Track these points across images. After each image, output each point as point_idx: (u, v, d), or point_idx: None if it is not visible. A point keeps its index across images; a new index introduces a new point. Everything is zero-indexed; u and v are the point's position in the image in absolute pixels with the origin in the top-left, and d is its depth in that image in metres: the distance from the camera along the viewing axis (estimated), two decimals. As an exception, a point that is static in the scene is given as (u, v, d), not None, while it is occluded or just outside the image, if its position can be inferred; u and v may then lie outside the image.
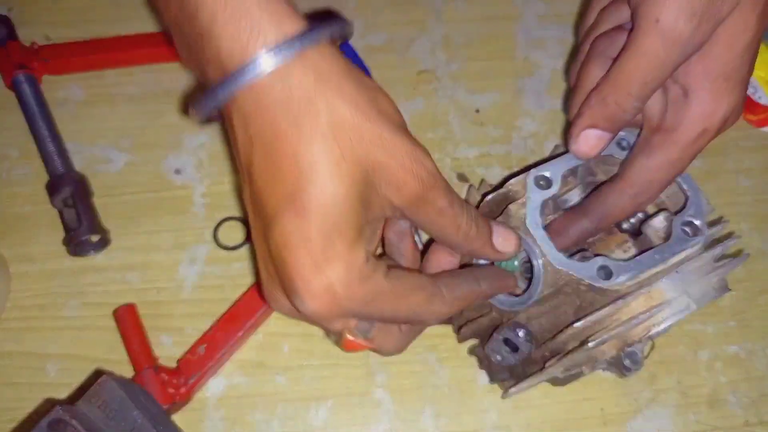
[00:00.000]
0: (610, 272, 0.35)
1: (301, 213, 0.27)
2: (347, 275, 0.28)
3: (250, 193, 0.29)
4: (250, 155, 0.28)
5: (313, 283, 0.27)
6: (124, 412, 0.32)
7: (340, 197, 0.27)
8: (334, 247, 0.27)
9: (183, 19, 0.28)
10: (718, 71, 0.34)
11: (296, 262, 0.27)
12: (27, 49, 0.50)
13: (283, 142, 0.27)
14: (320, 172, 0.27)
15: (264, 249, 0.29)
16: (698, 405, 0.43)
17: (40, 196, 0.46)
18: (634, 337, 0.37)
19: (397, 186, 0.29)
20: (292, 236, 0.27)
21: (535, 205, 0.37)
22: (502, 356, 0.37)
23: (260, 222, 0.29)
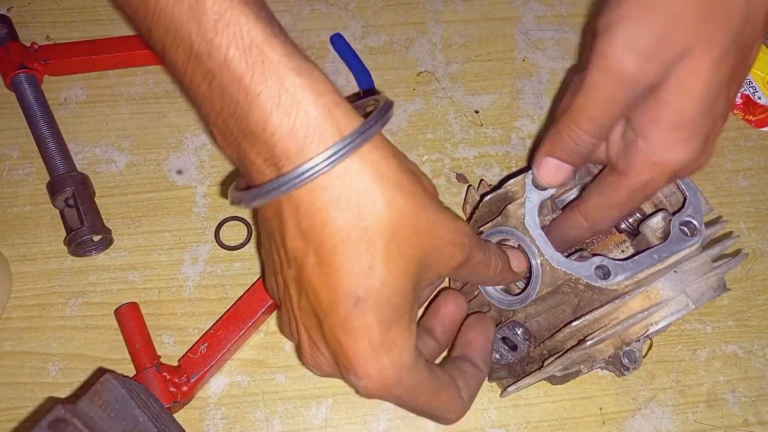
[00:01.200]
0: (607, 271, 0.35)
1: (361, 306, 0.28)
2: (399, 361, 0.29)
3: (295, 277, 0.29)
4: (303, 249, 0.28)
5: (369, 366, 0.29)
6: (126, 411, 0.32)
7: (398, 289, 0.28)
8: (391, 334, 0.29)
9: (226, 113, 0.27)
10: (668, 120, 0.32)
11: (356, 347, 0.29)
12: (28, 49, 0.50)
13: (343, 240, 0.27)
14: (380, 268, 0.28)
15: (313, 324, 0.30)
16: (696, 404, 0.43)
17: (42, 196, 0.46)
18: (632, 335, 0.37)
19: (445, 260, 0.30)
20: (352, 325, 0.28)
21: (534, 206, 0.37)
22: (501, 355, 0.38)
23: (310, 302, 0.29)
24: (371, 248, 0.27)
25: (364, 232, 0.27)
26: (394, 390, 0.30)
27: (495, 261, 0.34)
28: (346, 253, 0.27)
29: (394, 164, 0.28)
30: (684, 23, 0.31)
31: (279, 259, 0.30)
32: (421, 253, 0.29)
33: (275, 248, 0.30)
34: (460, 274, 0.33)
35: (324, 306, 0.29)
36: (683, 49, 0.31)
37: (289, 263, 0.29)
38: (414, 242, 0.28)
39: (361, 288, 0.28)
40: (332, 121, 0.26)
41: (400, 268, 0.28)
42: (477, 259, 0.32)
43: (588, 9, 0.57)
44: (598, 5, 0.57)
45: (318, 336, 0.30)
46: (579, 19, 0.56)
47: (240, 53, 0.26)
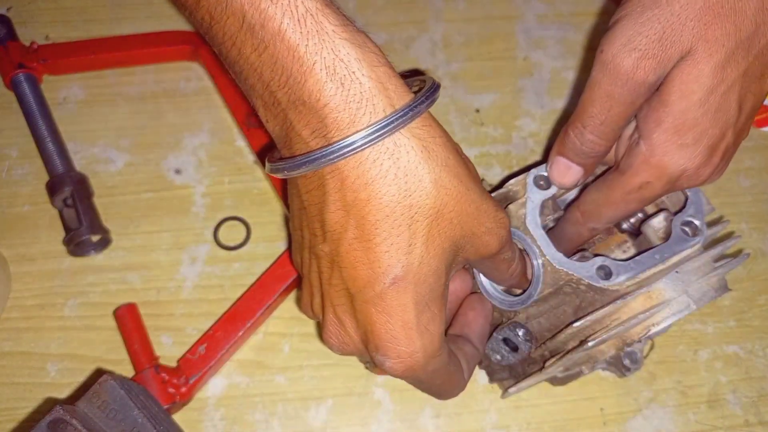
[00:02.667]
0: (609, 272, 0.35)
1: (399, 284, 0.28)
2: (430, 346, 0.29)
3: (330, 251, 0.29)
4: (342, 223, 0.28)
5: (401, 348, 0.29)
6: (125, 412, 0.32)
7: (434, 269, 0.28)
8: (425, 318, 0.29)
9: (276, 84, 0.27)
10: (669, 122, 0.32)
11: (390, 326, 0.29)
12: (27, 48, 0.50)
13: (387, 216, 0.27)
14: (420, 247, 0.28)
15: (342, 301, 0.30)
16: (698, 405, 0.43)
17: (41, 195, 0.46)
18: (633, 336, 0.37)
19: (478, 248, 0.30)
20: (388, 303, 0.28)
21: (535, 205, 0.37)
22: (502, 356, 0.38)
23: (345, 278, 0.29)
24: (414, 226, 0.27)
25: (409, 209, 0.27)
26: (419, 373, 0.30)
27: (516, 263, 0.34)
28: (389, 229, 0.27)
29: (441, 143, 0.28)
30: (686, 23, 0.30)
31: (311, 233, 0.30)
32: (459, 236, 0.29)
33: (308, 222, 0.30)
34: (483, 265, 0.33)
35: (359, 283, 0.28)
36: (684, 50, 0.31)
37: (325, 237, 0.29)
38: (455, 224, 0.28)
39: (400, 265, 0.27)
40: (385, 93, 0.26)
41: (438, 248, 0.28)
42: (504, 255, 0.32)
43: (588, 8, 0.57)
44: (603, 5, 0.57)
45: (346, 314, 0.30)
46: (580, 18, 0.56)
47: (294, 23, 0.25)
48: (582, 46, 0.55)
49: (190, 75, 0.52)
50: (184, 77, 0.52)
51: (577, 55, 0.54)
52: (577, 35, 0.55)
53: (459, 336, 0.35)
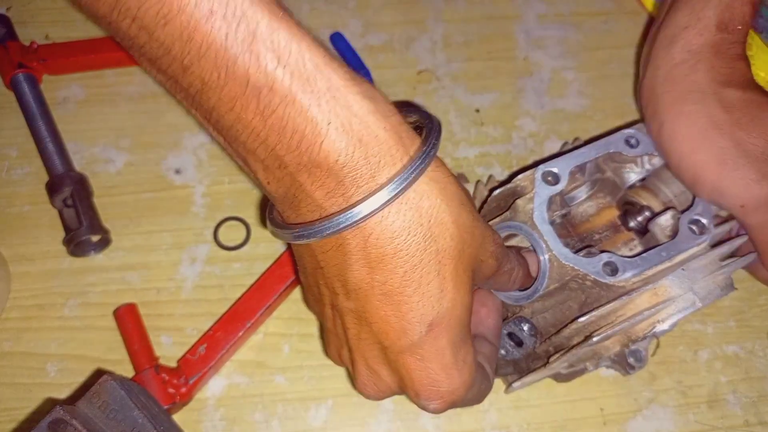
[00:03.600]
0: (615, 268, 0.35)
1: (434, 330, 0.28)
2: (469, 379, 0.30)
3: (355, 309, 0.28)
4: (368, 281, 0.27)
5: (443, 389, 0.29)
6: (125, 412, 0.32)
7: (465, 306, 0.29)
8: (462, 354, 0.29)
9: (284, 147, 0.25)
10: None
11: (429, 372, 0.29)
12: (26, 48, 0.50)
13: (415, 266, 0.26)
14: (451, 291, 0.27)
15: (374, 354, 0.30)
16: (698, 405, 0.43)
17: (40, 195, 0.46)
18: (638, 333, 0.37)
19: (485, 271, 0.31)
20: (426, 350, 0.28)
21: (543, 201, 0.37)
22: (506, 350, 0.38)
23: (374, 334, 0.29)
24: (442, 270, 0.27)
25: (436, 254, 0.27)
26: (459, 403, 0.30)
27: (516, 270, 0.35)
28: (418, 279, 0.27)
29: (452, 181, 0.28)
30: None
31: (331, 291, 0.29)
32: (475, 267, 0.29)
33: (326, 281, 0.29)
34: (487, 284, 0.33)
35: (392, 336, 0.28)
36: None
37: (348, 295, 0.28)
38: (473, 257, 0.28)
39: (435, 312, 0.27)
40: (401, 143, 0.26)
41: (465, 285, 0.28)
42: (504, 269, 0.33)
43: (588, 8, 0.57)
44: (603, 5, 0.57)
45: (380, 364, 0.30)
46: (580, 18, 0.56)
47: (304, 83, 0.24)
48: (582, 46, 0.55)
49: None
50: (184, 77, 0.52)
51: (577, 55, 0.54)
52: (577, 35, 0.55)
53: (476, 336, 0.35)
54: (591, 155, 0.39)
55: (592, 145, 0.39)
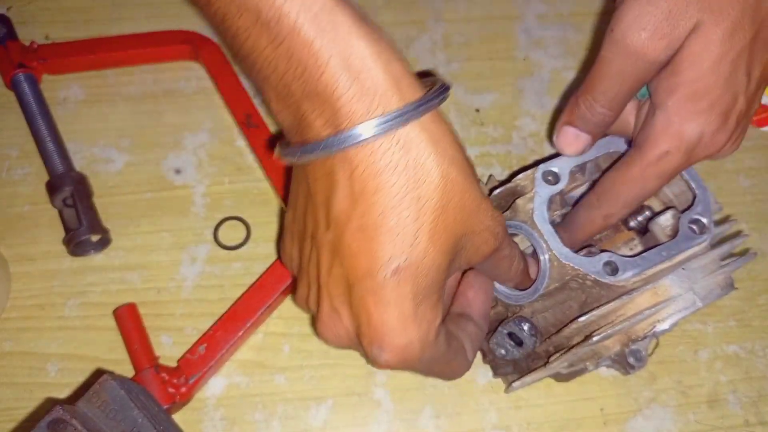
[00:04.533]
0: (616, 268, 0.35)
1: (400, 275, 0.28)
2: (426, 337, 0.29)
3: (332, 240, 0.29)
4: (348, 212, 0.28)
5: (396, 339, 0.29)
6: (125, 412, 0.32)
7: (436, 264, 0.28)
8: (422, 309, 0.29)
9: (291, 76, 0.27)
10: (682, 91, 0.33)
11: (386, 318, 0.29)
12: (26, 48, 0.50)
13: (393, 207, 0.27)
14: (425, 240, 0.28)
15: (339, 291, 0.30)
16: (698, 405, 0.43)
17: (40, 195, 0.46)
18: (638, 332, 0.37)
19: (479, 246, 0.30)
20: (386, 294, 0.28)
21: (543, 200, 0.37)
22: (507, 350, 0.38)
23: (344, 268, 0.29)
24: (420, 218, 0.27)
25: (416, 201, 0.27)
26: (414, 364, 0.30)
27: (518, 260, 0.35)
28: (395, 221, 0.27)
29: (450, 139, 0.28)
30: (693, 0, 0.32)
31: (315, 221, 0.30)
32: (461, 233, 0.29)
33: (313, 209, 0.30)
34: (485, 266, 0.33)
35: (359, 272, 0.28)
36: (692, 24, 0.32)
37: (329, 225, 0.29)
38: (458, 220, 0.28)
39: (404, 257, 0.28)
40: (397, 88, 0.27)
41: (443, 243, 0.28)
42: (505, 253, 0.33)
43: (588, 8, 0.57)
44: (603, 5, 0.57)
45: (343, 304, 0.30)
46: (580, 18, 0.56)
47: (310, 19, 0.26)
48: (582, 46, 0.55)
49: (190, 75, 0.52)
50: (184, 77, 0.52)
51: (577, 55, 0.54)
52: (577, 35, 0.55)
53: (461, 315, 0.35)
54: (591, 155, 0.39)
55: (592, 144, 0.39)
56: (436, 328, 0.30)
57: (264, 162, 0.47)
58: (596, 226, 0.38)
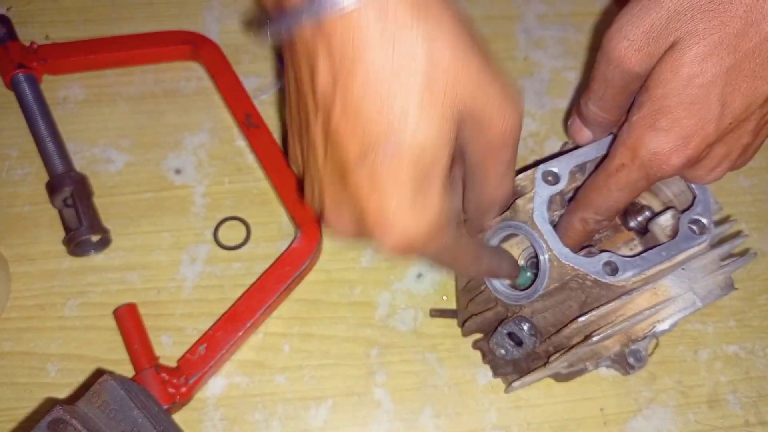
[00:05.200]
0: (615, 268, 0.35)
1: (393, 155, 0.26)
2: (431, 225, 0.28)
3: (322, 125, 0.28)
4: (331, 91, 0.26)
5: (399, 225, 0.27)
6: (125, 412, 0.32)
7: (432, 142, 0.26)
8: (422, 195, 0.27)
9: None
10: (647, 106, 0.33)
11: (385, 204, 0.27)
12: (27, 48, 0.50)
13: (375, 79, 0.25)
14: (414, 115, 0.26)
15: (337, 180, 0.28)
16: (698, 405, 0.43)
17: (40, 195, 0.46)
18: (638, 332, 0.37)
19: (482, 126, 0.28)
20: (382, 178, 0.27)
21: (543, 200, 0.37)
22: (506, 350, 0.37)
23: (337, 154, 0.28)
24: (406, 91, 0.25)
25: (398, 72, 0.25)
26: (420, 249, 0.29)
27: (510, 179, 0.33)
28: (378, 95, 0.25)
29: (437, 5, 0.26)
30: (672, 17, 0.32)
31: (305, 111, 0.29)
32: (460, 107, 0.27)
33: (302, 98, 0.29)
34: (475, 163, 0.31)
35: (350, 157, 0.27)
36: (670, 43, 0.32)
37: (317, 107, 0.27)
38: (452, 93, 0.26)
39: (393, 134, 0.26)
40: None
41: (436, 119, 0.26)
42: (504, 155, 0.30)
43: (588, 8, 0.57)
44: (603, 5, 0.57)
45: (342, 193, 0.29)
46: (580, 18, 0.56)
47: None
48: (582, 46, 0.55)
49: (190, 75, 0.52)
50: (184, 77, 0.52)
51: (577, 55, 0.54)
52: (577, 35, 0.55)
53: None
54: (591, 155, 0.39)
55: (592, 145, 0.39)
56: (441, 217, 0.28)
57: (264, 162, 0.47)
58: (576, 230, 0.37)
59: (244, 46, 0.53)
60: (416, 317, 0.44)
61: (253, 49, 0.53)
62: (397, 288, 0.45)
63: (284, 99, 0.33)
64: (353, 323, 0.44)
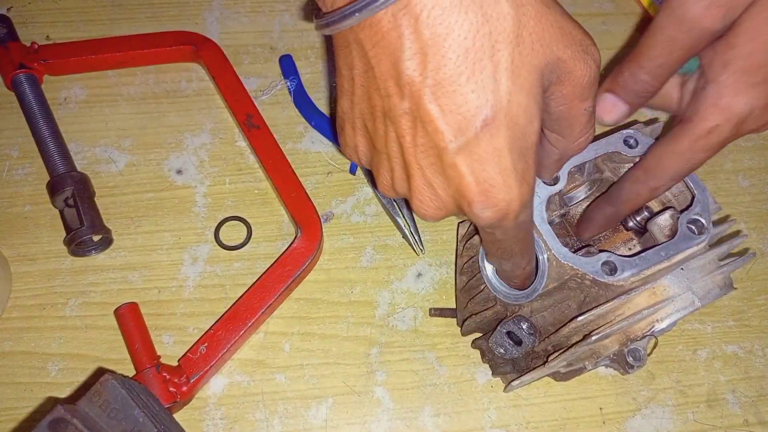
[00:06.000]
0: (614, 267, 0.35)
1: (491, 126, 0.26)
2: (527, 195, 0.28)
3: (410, 109, 0.27)
4: (421, 70, 0.26)
5: (500, 195, 0.28)
6: (126, 411, 0.32)
7: (525, 107, 0.27)
8: (521, 165, 0.27)
9: None
10: (737, 64, 0.32)
11: (486, 175, 0.27)
12: (27, 49, 0.50)
13: (467, 50, 0.25)
14: (506, 81, 0.26)
15: (431, 161, 0.28)
16: (697, 404, 0.43)
17: (41, 196, 0.46)
18: (637, 332, 0.37)
19: (563, 78, 0.28)
20: (483, 149, 0.27)
21: (542, 200, 0.37)
22: (505, 349, 0.38)
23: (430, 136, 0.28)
24: (496, 56, 0.25)
25: (489, 36, 0.25)
26: (512, 222, 0.29)
27: (592, 129, 0.32)
28: (471, 66, 0.25)
29: None
30: None
31: (383, 96, 0.28)
32: (543, 64, 0.27)
33: (377, 84, 0.28)
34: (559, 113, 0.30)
35: (448, 134, 0.27)
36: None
37: (402, 92, 0.27)
38: (537, 50, 0.26)
39: (489, 105, 0.26)
40: None
41: (526, 81, 0.26)
42: (586, 105, 0.30)
43: (588, 8, 0.57)
44: (603, 5, 0.57)
45: (436, 174, 0.29)
46: (580, 19, 0.55)
47: None
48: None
49: (191, 75, 0.52)
50: (185, 78, 0.52)
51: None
52: (576, 36, 0.55)
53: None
54: (590, 155, 0.39)
55: (591, 145, 0.39)
56: (533, 187, 0.29)
57: (265, 162, 0.47)
58: (642, 199, 0.37)
59: (244, 47, 0.53)
60: (416, 316, 0.45)
61: (253, 50, 0.53)
62: (397, 287, 0.45)
63: (336, 92, 0.32)
64: (353, 322, 0.44)
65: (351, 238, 0.47)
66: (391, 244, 0.47)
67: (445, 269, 0.46)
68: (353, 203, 0.48)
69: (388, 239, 0.47)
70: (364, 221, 0.47)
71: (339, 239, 0.47)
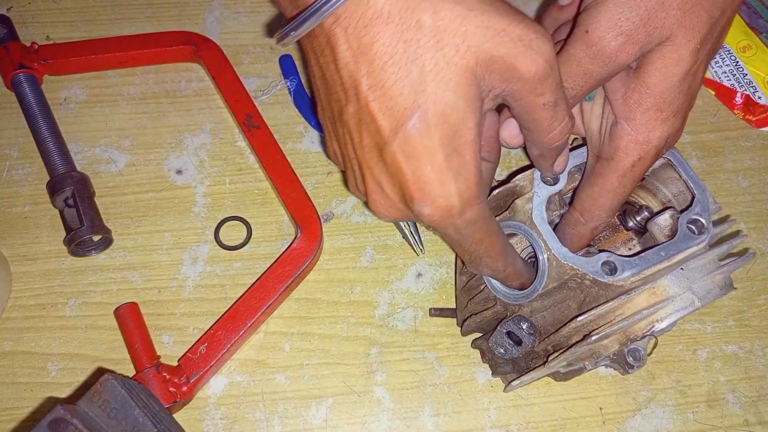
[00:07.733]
0: (614, 267, 0.35)
1: (419, 125, 0.28)
2: (466, 191, 0.29)
3: (354, 108, 0.29)
4: (355, 73, 0.28)
5: (435, 191, 0.29)
6: (126, 411, 0.32)
7: (452, 105, 0.28)
8: (455, 161, 0.29)
9: None
10: (650, 102, 0.34)
11: (420, 172, 0.28)
12: (27, 49, 0.50)
13: (392, 56, 0.27)
14: (431, 82, 0.27)
15: (375, 158, 0.30)
16: (697, 404, 0.43)
17: (41, 196, 0.46)
18: (637, 332, 0.37)
19: (504, 74, 0.29)
20: (414, 147, 0.28)
21: (542, 200, 0.37)
22: (505, 349, 0.38)
23: (371, 132, 0.29)
24: (419, 60, 0.27)
25: (409, 44, 0.27)
26: (457, 219, 0.30)
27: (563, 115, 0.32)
28: (396, 70, 0.27)
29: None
30: (668, 11, 0.32)
31: (336, 101, 0.30)
32: (474, 64, 0.28)
33: (332, 89, 0.30)
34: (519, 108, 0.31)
35: (384, 133, 0.28)
36: (665, 36, 0.33)
37: (348, 97, 0.29)
38: (464, 51, 0.27)
39: (416, 105, 0.27)
40: None
41: (452, 81, 0.27)
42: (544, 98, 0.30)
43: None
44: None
45: (382, 173, 0.30)
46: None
47: None
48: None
49: (191, 76, 0.52)
50: (185, 78, 0.52)
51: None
52: (576, 36, 0.55)
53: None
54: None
55: (590, 146, 0.39)
56: (476, 185, 0.29)
57: (265, 162, 0.47)
58: (585, 240, 0.38)
59: (244, 47, 0.53)
60: (416, 316, 0.45)
61: (253, 50, 0.53)
62: (397, 287, 0.45)
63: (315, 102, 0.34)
64: (353, 322, 0.44)
65: (351, 238, 0.47)
66: (391, 244, 0.47)
67: (445, 269, 0.46)
68: (353, 203, 0.48)
69: (388, 239, 0.47)
70: (364, 221, 0.47)
71: (339, 239, 0.47)
